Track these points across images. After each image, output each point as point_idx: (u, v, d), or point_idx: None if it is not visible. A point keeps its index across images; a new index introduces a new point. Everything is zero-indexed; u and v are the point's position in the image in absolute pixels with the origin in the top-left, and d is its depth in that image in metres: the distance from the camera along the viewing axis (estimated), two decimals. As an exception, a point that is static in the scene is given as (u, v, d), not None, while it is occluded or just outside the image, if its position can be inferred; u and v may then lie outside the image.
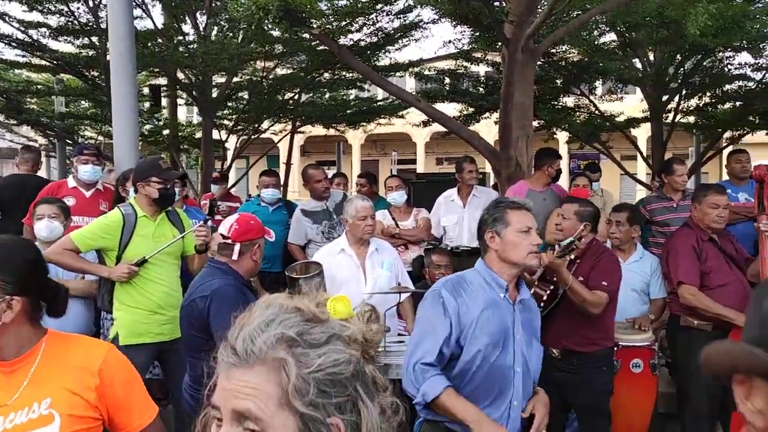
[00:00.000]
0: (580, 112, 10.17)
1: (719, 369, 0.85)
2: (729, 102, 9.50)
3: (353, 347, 0.88)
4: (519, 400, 2.31)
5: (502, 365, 2.27)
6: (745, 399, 0.82)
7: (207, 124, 10.43)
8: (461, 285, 2.33)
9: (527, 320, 2.40)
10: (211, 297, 2.62)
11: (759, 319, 0.84)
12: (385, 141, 23.99)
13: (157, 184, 3.56)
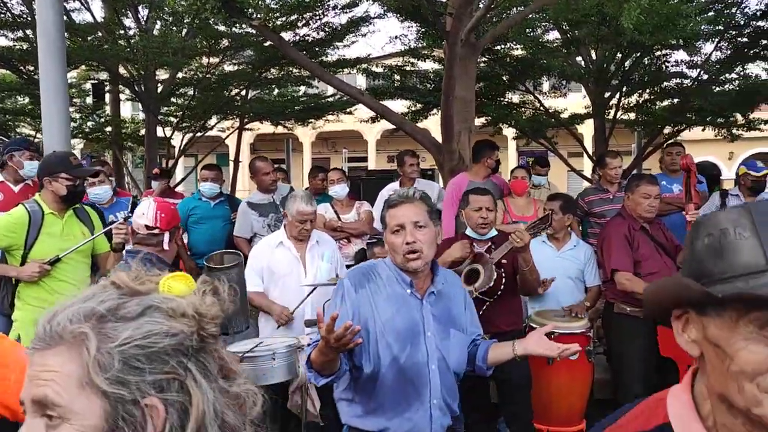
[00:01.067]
0: (525, 109, 10.33)
1: (658, 305, 0.91)
2: (667, 99, 9.80)
3: (181, 321, 0.80)
4: (438, 397, 2.17)
5: (415, 363, 2.13)
6: (682, 332, 0.89)
7: (151, 120, 10.19)
8: (369, 276, 2.21)
9: (443, 311, 2.24)
10: None
11: (691, 258, 0.89)
12: (336, 139, 23.90)
13: (66, 181, 3.41)
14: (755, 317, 0.80)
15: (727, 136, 10.19)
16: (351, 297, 2.15)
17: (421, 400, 2.14)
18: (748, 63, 9.01)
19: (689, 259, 0.90)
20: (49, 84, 4.53)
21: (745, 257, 0.82)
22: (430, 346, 2.16)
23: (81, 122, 11.60)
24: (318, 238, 3.90)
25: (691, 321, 0.88)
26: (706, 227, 0.88)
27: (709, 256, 0.86)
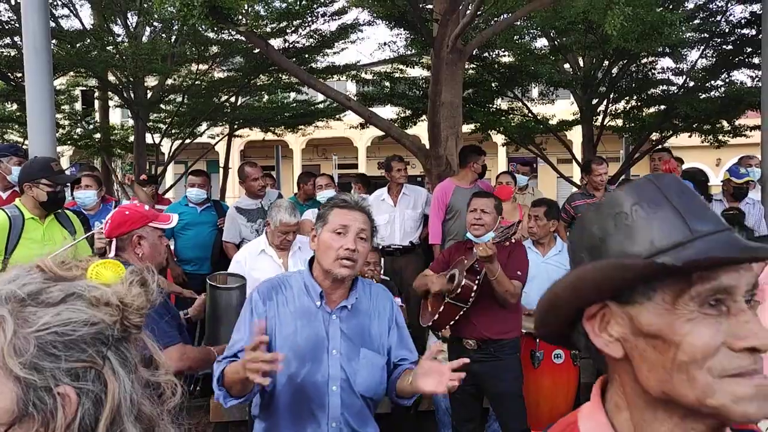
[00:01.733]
0: (514, 115, 10.39)
1: (562, 308, 0.82)
2: (654, 105, 9.89)
3: (104, 310, 0.79)
4: (339, 421, 1.99)
5: (314, 383, 1.96)
6: (600, 332, 0.79)
7: (140, 127, 10.18)
8: (278, 288, 2.06)
9: (355, 328, 2.06)
10: None
11: (593, 244, 0.81)
12: (326, 146, 23.93)
13: (47, 187, 3.41)
14: (696, 293, 0.73)
15: (714, 142, 10.28)
16: (258, 310, 2.02)
17: (317, 422, 1.98)
18: (733, 70, 9.11)
19: (589, 247, 0.81)
20: (35, 91, 4.52)
21: (666, 230, 0.75)
22: (333, 365, 1.99)
23: (70, 129, 11.57)
24: (300, 244, 3.90)
25: (611, 316, 0.78)
26: (608, 207, 0.80)
27: (621, 237, 0.77)
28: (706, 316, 0.73)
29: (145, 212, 2.60)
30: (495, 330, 3.39)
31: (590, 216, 0.83)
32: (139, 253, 2.55)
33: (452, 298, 3.30)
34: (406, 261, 5.36)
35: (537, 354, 3.79)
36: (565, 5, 6.99)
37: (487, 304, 3.32)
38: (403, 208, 5.33)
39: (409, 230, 5.36)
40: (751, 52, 8.50)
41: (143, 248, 2.55)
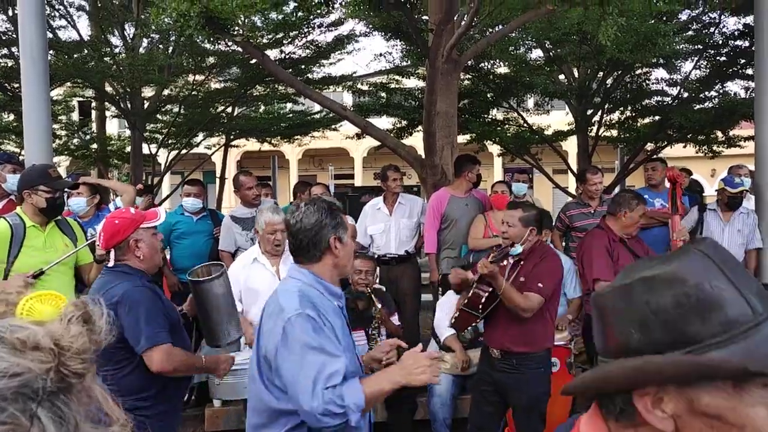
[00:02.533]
0: (509, 125, 10.44)
1: (639, 384, 0.78)
2: (648, 116, 9.94)
3: (32, 356, 0.64)
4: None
5: (355, 372, 2.04)
6: (652, 407, 0.77)
7: (136, 137, 10.20)
8: (314, 305, 2.00)
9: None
10: (119, 302, 2.47)
11: (651, 320, 0.77)
12: (322, 156, 23.97)
13: (46, 193, 3.43)
14: (763, 381, 0.73)
15: (708, 153, 10.34)
16: (327, 326, 1.97)
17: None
18: (727, 81, 9.17)
19: (640, 321, 0.78)
20: (31, 101, 4.54)
21: (732, 311, 0.73)
22: (357, 349, 2.19)
23: (67, 139, 11.58)
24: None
25: (664, 395, 0.77)
26: (667, 281, 0.77)
27: (687, 316, 0.75)
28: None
29: (133, 216, 2.64)
30: (516, 341, 3.29)
31: (641, 288, 0.79)
32: (139, 256, 2.60)
33: (465, 306, 3.30)
34: (401, 270, 5.36)
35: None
36: (559, 16, 7.05)
37: (509, 314, 3.24)
38: (398, 217, 5.34)
39: (404, 239, 5.36)
40: (745, 64, 8.57)
41: (142, 250, 2.59)
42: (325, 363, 1.89)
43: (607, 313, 0.84)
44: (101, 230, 2.61)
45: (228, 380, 3.21)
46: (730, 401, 0.73)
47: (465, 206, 5.06)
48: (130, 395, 2.49)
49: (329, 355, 1.90)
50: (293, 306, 1.96)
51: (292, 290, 2.04)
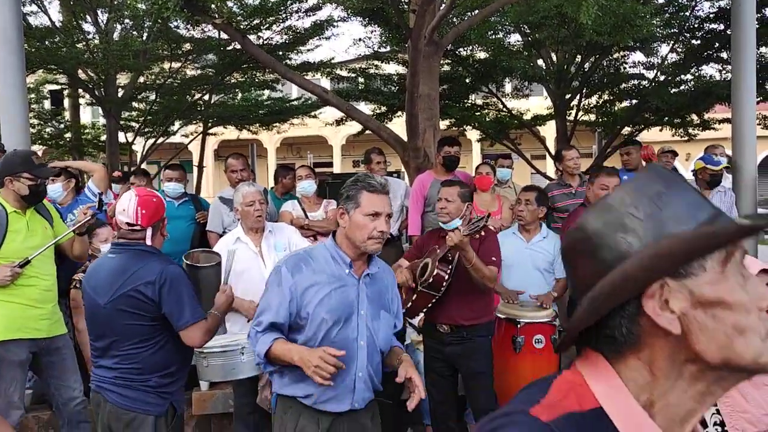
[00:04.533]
0: (488, 110, 10.47)
1: (654, 275, 0.80)
2: (626, 99, 10.05)
3: None
4: (364, 371, 2.34)
5: (345, 339, 2.28)
6: (661, 310, 0.80)
7: (112, 125, 10.03)
8: (305, 261, 2.33)
9: (376, 293, 2.40)
10: (162, 281, 2.47)
11: (647, 221, 0.81)
12: (300, 144, 23.85)
13: (28, 180, 3.42)
14: (738, 260, 0.79)
15: (684, 136, 10.48)
16: (288, 282, 2.27)
17: (347, 372, 2.27)
18: (702, 65, 9.29)
19: (624, 225, 0.82)
20: (7, 87, 4.44)
21: (704, 207, 0.82)
22: (361, 324, 2.32)
23: (40, 128, 11.36)
24: (271, 228, 3.92)
25: (668, 294, 0.80)
26: (640, 189, 0.83)
27: (667, 214, 0.81)
28: (744, 277, 0.80)
29: (160, 197, 2.68)
30: (468, 316, 3.48)
31: (621, 196, 0.84)
32: (165, 235, 2.66)
33: (425, 287, 3.37)
34: (385, 252, 5.27)
35: (518, 339, 3.82)
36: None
37: (459, 291, 3.39)
38: (382, 200, 5.33)
39: (388, 222, 5.36)
40: (719, 47, 8.69)
41: (165, 231, 2.66)
42: (264, 309, 2.31)
43: (592, 232, 0.84)
44: (138, 206, 2.56)
45: (216, 362, 3.18)
46: (723, 284, 0.79)
47: (444, 187, 5.06)
48: (155, 373, 2.55)
49: (269, 306, 2.29)
50: (284, 259, 2.40)
51: (303, 250, 2.46)
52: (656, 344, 0.82)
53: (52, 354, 3.52)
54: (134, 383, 2.55)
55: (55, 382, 3.58)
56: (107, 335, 2.59)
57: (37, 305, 3.44)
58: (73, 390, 3.58)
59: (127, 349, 2.55)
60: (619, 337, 0.83)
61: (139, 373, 2.54)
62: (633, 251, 0.80)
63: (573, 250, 0.87)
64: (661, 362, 0.82)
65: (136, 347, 2.54)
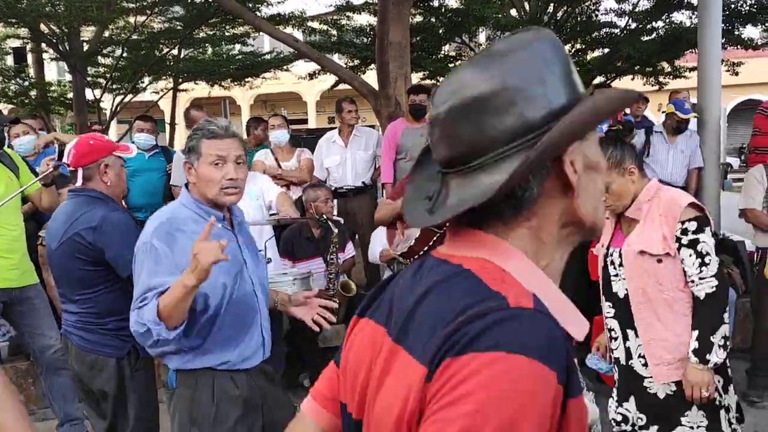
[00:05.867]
0: (462, 61, 10.42)
1: (594, 124, 0.82)
2: (598, 48, 10.06)
3: None
4: (266, 319, 2.21)
5: (246, 294, 2.11)
6: (575, 172, 0.80)
7: (78, 81, 9.80)
8: (175, 228, 2.02)
9: (248, 239, 2.25)
10: (100, 225, 2.46)
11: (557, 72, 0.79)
12: (274, 101, 23.56)
13: None
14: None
15: (655, 84, 10.57)
16: (168, 256, 1.96)
17: (254, 327, 2.15)
18: (673, 11, 9.32)
19: (546, 75, 0.78)
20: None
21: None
22: (252, 273, 2.16)
23: (4, 86, 11.06)
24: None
25: (576, 154, 0.80)
26: (533, 57, 0.79)
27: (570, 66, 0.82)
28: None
29: (107, 141, 2.63)
30: None
31: (532, 54, 0.79)
32: (106, 182, 2.58)
33: (402, 254, 3.33)
34: (359, 202, 5.39)
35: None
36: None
37: None
38: (354, 149, 5.33)
39: (360, 171, 5.37)
40: (689, -7, 8.71)
41: (109, 177, 2.58)
42: (146, 289, 1.94)
43: (503, 95, 0.77)
44: (72, 148, 2.56)
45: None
46: (597, 147, 0.84)
47: (420, 136, 5.07)
48: (113, 316, 2.54)
49: (149, 288, 1.93)
50: (148, 233, 2.02)
51: (161, 214, 2.11)
52: (548, 209, 0.81)
53: (23, 303, 3.54)
54: (93, 326, 2.58)
55: (29, 330, 3.61)
56: (63, 280, 2.64)
57: (5, 255, 3.44)
58: (49, 338, 3.61)
59: (82, 293, 2.58)
60: (524, 203, 0.79)
61: (96, 317, 2.56)
62: (555, 108, 0.77)
63: (476, 109, 0.78)
64: (550, 227, 0.82)
65: (89, 291, 2.56)
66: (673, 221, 2.29)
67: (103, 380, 2.59)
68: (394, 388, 0.77)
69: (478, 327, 0.70)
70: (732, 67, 9.57)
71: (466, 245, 0.82)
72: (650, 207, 2.36)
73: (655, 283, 2.34)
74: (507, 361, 0.67)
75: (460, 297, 0.75)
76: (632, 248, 2.38)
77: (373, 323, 0.91)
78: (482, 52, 0.82)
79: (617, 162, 2.38)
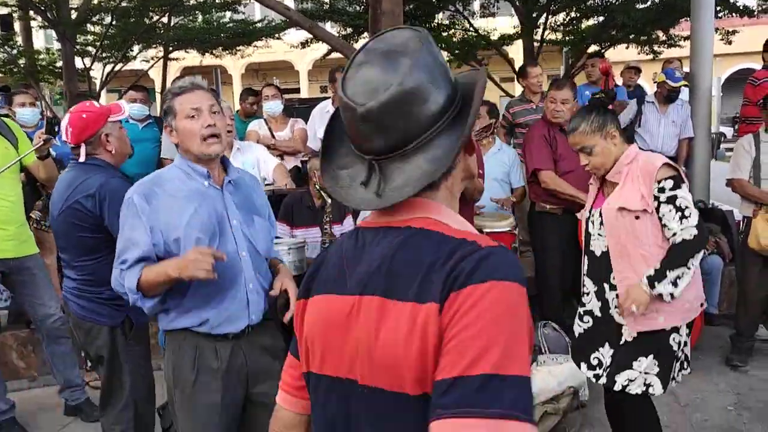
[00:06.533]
0: (456, 30, 10.34)
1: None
2: (592, 16, 9.99)
3: None
4: (254, 281, 2.17)
5: (227, 254, 2.06)
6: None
7: (67, 49, 9.67)
8: (157, 184, 2.09)
9: (243, 199, 2.21)
10: (99, 193, 2.48)
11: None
12: (266, 70, 23.32)
13: None
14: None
15: (649, 53, 10.53)
16: (146, 212, 2.03)
17: (237, 288, 2.13)
18: (669, -21, 9.23)
19: (438, 73, 0.99)
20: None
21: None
22: (237, 234, 2.14)
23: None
24: (239, 146, 3.94)
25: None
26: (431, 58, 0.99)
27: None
28: None
29: (99, 109, 2.62)
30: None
31: (426, 58, 0.98)
32: (111, 150, 2.60)
33: None
34: (353, 172, 5.42)
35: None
36: None
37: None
38: (347, 119, 5.34)
39: (354, 141, 5.39)
40: (685, -40, 8.62)
41: (113, 144, 2.60)
42: (125, 247, 2.05)
43: (420, 91, 0.95)
44: (67, 125, 2.57)
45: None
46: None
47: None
48: (107, 285, 2.48)
49: (130, 242, 2.04)
50: (132, 188, 2.11)
51: (153, 174, 2.19)
52: (457, 169, 1.03)
53: (22, 273, 3.57)
54: (89, 294, 2.63)
55: (29, 300, 3.65)
56: (63, 247, 2.69)
57: (1, 226, 3.46)
58: (48, 307, 3.66)
59: (80, 260, 2.63)
60: (449, 171, 1.00)
61: (91, 285, 2.61)
62: (450, 92, 0.99)
63: (405, 102, 0.94)
64: (457, 183, 1.04)
65: (86, 259, 2.61)
66: (650, 180, 2.41)
67: (97, 347, 2.66)
68: (397, 331, 0.90)
69: (470, 265, 0.88)
70: (726, 35, 9.54)
71: (403, 210, 0.99)
72: (629, 169, 2.48)
73: (633, 238, 2.45)
74: (499, 287, 0.86)
75: (434, 247, 0.93)
76: (612, 206, 2.49)
77: (328, 297, 1.02)
78: (372, 52, 0.97)
79: (600, 126, 2.50)
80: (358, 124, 0.95)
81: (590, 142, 2.52)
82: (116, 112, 2.65)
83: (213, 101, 2.12)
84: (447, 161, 0.95)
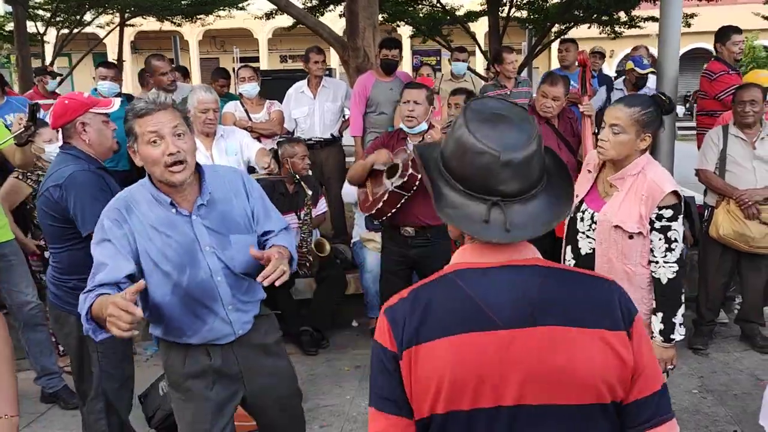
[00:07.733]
0: (422, 5, 10.30)
1: None
2: (558, -5, 10.09)
3: None
4: (233, 302, 2.10)
5: (200, 282, 2.01)
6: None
7: (19, 13, 9.24)
8: (128, 207, 1.99)
9: (217, 220, 2.06)
10: (65, 184, 2.50)
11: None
12: (224, 37, 22.70)
13: None
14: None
15: (611, 33, 10.72)
16: (115, 235, 1.95)
17: (215, 313, 2.08)
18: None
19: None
20: None
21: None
22: (210, 260, 2.03)
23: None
24: (222, 131, 3.91)
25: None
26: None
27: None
28: None
29: (84, 100, 2.65)
30: (434, 215, 3.48)
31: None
32: (85, 140, 2.62)
33: (397, 186, 3.35)
34: (327, 153, 5.40)
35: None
36: None
37: (425, 190, 3.39)
38: (323, 100, 5.30)
39: (329, 123, 5.36)
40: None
41: (89, 134, 2.62)
42: (94, 272, 1.92)
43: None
44: (52, 109, 2.63)
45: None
46: None
47: (390, 90, 5.08)
48: (74, 275, 2.57)
49: (100, 265, 1.92)
50: (105, 210, 2.01)
51: (122, 192, 2.07)
52: None
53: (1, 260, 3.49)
54: (58, 282, 2.65)
55: (5, 286, 3.58)
56: (43, 232, 2.76)
57: None
58: (25, 295, 3.59)
59: (53, 247, 2.67)
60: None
61: (61, 272, 2.64)
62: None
63: (536, 157, 1.17)
64: None
65: (56, 247, 2.64)
66: (652, 204, 2.38)
67: (65, 335, 2.72)
68: (585, 353, 1.11)
69: (628, 301, 1.18)
70: (685, 18, 9.78)
71: (523, 250, 1.17)
72: (634, 182, 2.43)
73: (621, 255, 2.46)
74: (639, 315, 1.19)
75: (592, 284, 1.18)
76: (608, 219, 2.46)
77: (470, 335, 1.11)
78: (508, 116, 1.17)
79: (646, 123, 2.38)
80: (499, 169, 1.11)
81: (628, 127, 2.37)
82: (103, 106, 2.66)
83: (177, 121, 1.95)
84: (567, 209, 1.20)
